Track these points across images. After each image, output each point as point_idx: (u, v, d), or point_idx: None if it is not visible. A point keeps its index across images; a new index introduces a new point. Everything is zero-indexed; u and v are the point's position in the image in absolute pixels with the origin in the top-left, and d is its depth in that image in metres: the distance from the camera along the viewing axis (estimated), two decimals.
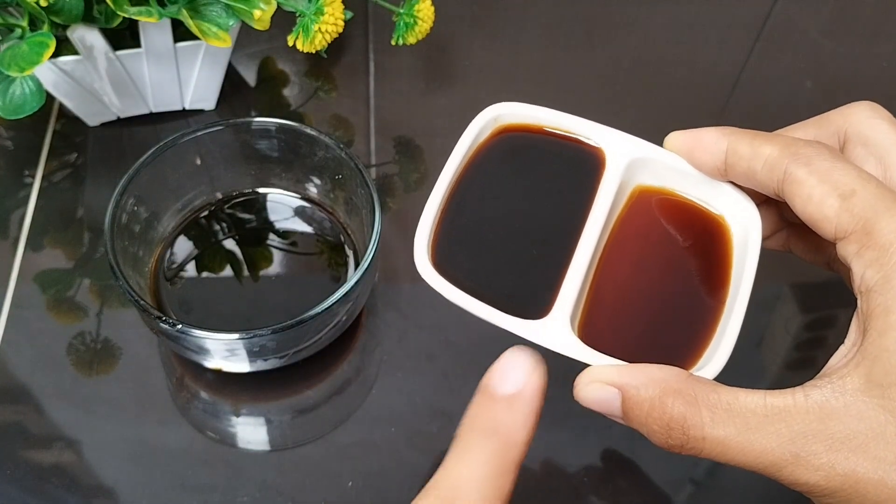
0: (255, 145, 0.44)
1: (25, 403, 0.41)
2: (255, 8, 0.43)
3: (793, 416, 0.24)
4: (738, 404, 0.25)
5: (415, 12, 0.48)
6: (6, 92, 0.42)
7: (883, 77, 0.58)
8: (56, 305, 0.44)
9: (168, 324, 0.36)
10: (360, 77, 0.56)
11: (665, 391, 0.26)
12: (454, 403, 0.42)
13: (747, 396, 0.25)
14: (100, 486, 0.39)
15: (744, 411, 0.25)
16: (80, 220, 0.48)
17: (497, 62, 0.57)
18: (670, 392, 0.26)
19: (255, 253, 0.45)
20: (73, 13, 0.42)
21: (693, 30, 0.60)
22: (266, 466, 0.40)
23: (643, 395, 0.26)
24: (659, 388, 0.26)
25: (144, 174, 0.41)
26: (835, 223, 0.26)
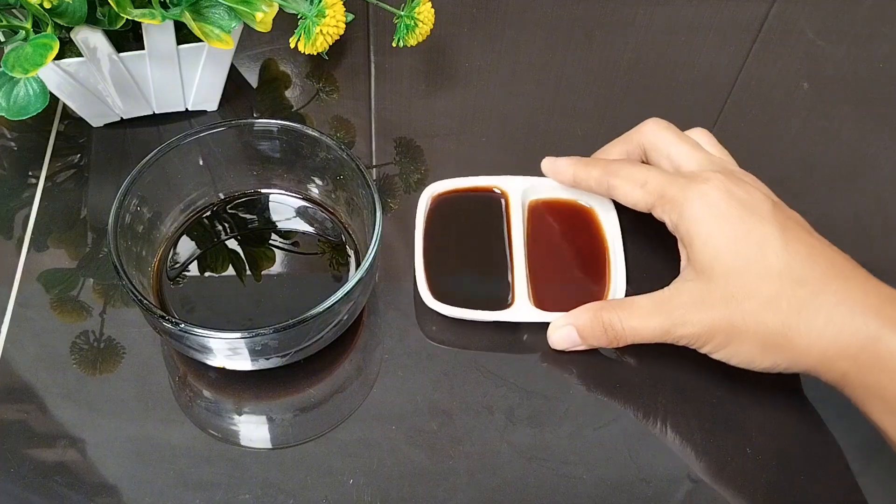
0: (257, 146, 0.45)
1: (29, 402, 0.41)
2: (257, 10, 0.43)
3: (666, 301, 0.41)
4: (636, 305, 0.41)
5: (415, 14, 0.49)
6: (10, 93, 0.43)
7: (878, 78, 0.58)
8: (60, 305, 0.45)
9: (171, 323, 0.36)
10: (362, 78, 0.56)
11: (596, 312, 0.42)
12: (454, 402, 0.42)
13: (641, 299, 0.41)
14: (103, 485, 0.39)
15: (640, 308, 0.41)
16: (84, 221, 0.48)
17: (497, 64, 0.58)
18: (598, 310, 0.42)
19: (257, 253, 0.45)
20: (77, 15, 0.42)
21: (691, 31, 0.60)
22: (268, 464, 0.40)
23: (586, 321, 0.42)
24: (592, 312, 0.42)
25: (147, 175, 0.41)
26: (643, 203, 0.43)
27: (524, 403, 0.42)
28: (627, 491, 0.40)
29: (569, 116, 0.55)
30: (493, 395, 0.42)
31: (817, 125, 0.56)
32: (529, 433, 0.41)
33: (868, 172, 0.53)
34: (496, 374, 0.43)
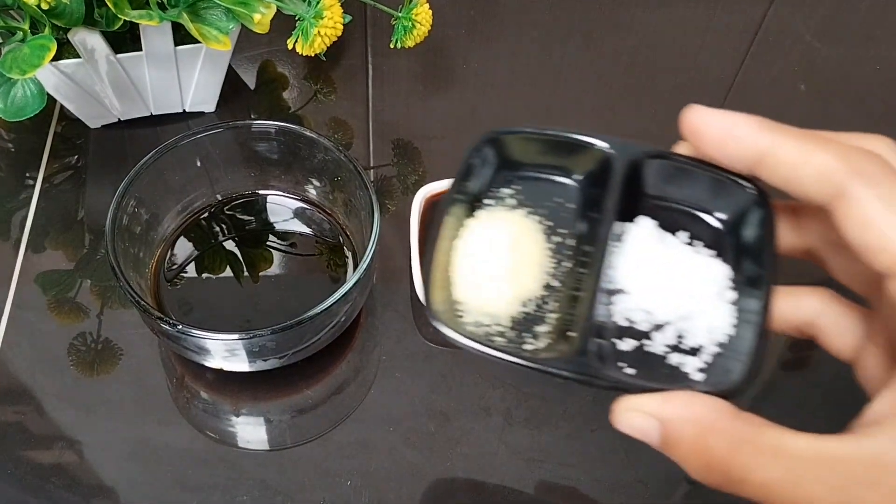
0: (254, 147, 0.45)
1: (26, 404, 0.41)
2: (255, 12, 0.43)
3: (843, 464, 0.23)
4: (784, 447, 0.24)
5: (413, 16, 0.49)
6: (8, 94, 0.43)
7: (876, 80, 0.58)
8: (57, 306, 0.45)
9: (168, 324, 0.36)
10: (359, 80, 0.56)
11: (707, 430, 0.25)
12: (452, 404, 0.42)
13: (795, 439, 0.24)
14: (100, 486, 0.39)
15: (790, 455, 0.24)
16: (81, 222, 0.48)
17: (494, 65, 0.58)
18: (713, 431, 0.25)
19: (254, 254, 0.45)
20: (75, 16, 0.42)
21: (688, 33, 0.60)
22: (266, 466, 0.40)
23: (685, 431, 0.25)
24: (701, 427, 0.25)
25: (145, 176, 0.41)
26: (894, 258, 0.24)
27: (522, 405, 0.42)
28: (625, 492, 0.40)
29: (567, 118, 0.55)
30: (490, 396, 0.42)
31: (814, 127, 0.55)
32: (527, 434, 0.41)
33: None
34: (494, 376, 0.43)
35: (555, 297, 0.31)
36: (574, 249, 0.32)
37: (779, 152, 0.26)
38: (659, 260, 0.30)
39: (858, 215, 0.25)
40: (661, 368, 0.29)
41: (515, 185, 0.33)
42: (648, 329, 0.30)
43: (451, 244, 0.31)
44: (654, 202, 0.32)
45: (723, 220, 0.32)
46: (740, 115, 0.28)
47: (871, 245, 0.25)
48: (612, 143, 0.31)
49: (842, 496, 0.23)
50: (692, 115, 0.28)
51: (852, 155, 0.26)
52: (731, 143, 0.28)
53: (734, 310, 0.30)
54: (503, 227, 0.31)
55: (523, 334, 0.30)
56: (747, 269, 0.30)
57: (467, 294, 0.30)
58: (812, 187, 0.26)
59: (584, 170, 0.32)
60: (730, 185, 0.30)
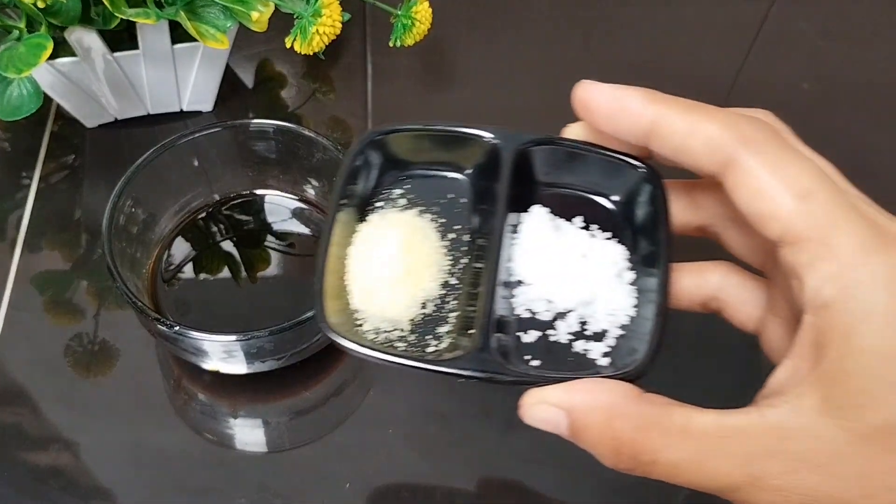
0: (252, 147, 0.44)
1: (22, 405, 0.41)
2: (253, 10, 0.43)
3: (748, 437, 0.24)
4: (690, 426, 0.24)
5: (412, 14, 0.48)
6: (3, 93, 0.42)
7: (879, 79, 0.58)
8: (53, 307, 0.44)
9: (165, 325, 0.36)
10: (358, 79, 0.56)
11: (613, 415, 0.25)
12: (451, 405, 0.42)
13: (700, 416, 0.24)
14: (97, 488, 0.39)
15: (697, 433, 0.24)
16: (78, 222, 0.48)
17: (495, 64, 0.57)
18: (618, 416, 0.25)
19: (252, 254, 0.45)
20: (71, 15, 0.42)
21: (690, 31, 0.60)
22: (264, 468, 0.40)
23: (591, 419, 0.25)
24: (607, 412, 0.25)
25: (142, 176, 0.41)
26: (786, 225, 0.24)
27: None
28: (627, 494, 0.39)
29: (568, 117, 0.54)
30: (491, 398, 0.42)
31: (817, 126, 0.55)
32: (528, 436, 0.41)
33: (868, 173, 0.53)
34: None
35: (454, 296, 0.31)
36: (470, 245, 0.32)
37: (667, 123, 0.26)
38: (555, 248, 0.30)
39: (748, 184, 0.25)
40: (567, 357, 0.29)
41: (405, 185, 0.33)
42: (551, 318, 0.30)
43: (344, 251, 0.31)
44: (546, 189, 0.32)
45: (616, 201, 0.32)
46: (629, 88, 0.27)
47: (762, 213, 0.25)
48: (496, 133, 0.31)
49: (748, 468, 0.23)
50: (582, 91, 0.28)
51: (739, 123, 0.26)
52: (621, 116, 0.27)
53: (634, 290, 0.30)
54: (396, 229, 0.31)
55: (425, 337, 0.30)
56: (643, 247, 0.30)
57: (364, 301, 0.30)
58: (701, 157, 0.26)
59: (472, 163, 0.32)
60: (619, 165, 0.30)
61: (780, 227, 0.24)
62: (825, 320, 0.24)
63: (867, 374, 0.23)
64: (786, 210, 0.24)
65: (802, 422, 0.23)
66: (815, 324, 0.24)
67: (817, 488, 0.23)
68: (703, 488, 0.24)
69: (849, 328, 0.23)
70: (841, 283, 0.23)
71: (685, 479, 0.24)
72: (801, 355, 0.25)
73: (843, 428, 0.23)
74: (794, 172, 0.25)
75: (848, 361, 0.23)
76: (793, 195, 0.24)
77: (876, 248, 0.23)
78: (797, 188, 0.24)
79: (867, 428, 0.23)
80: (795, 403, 0.24)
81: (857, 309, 0.23)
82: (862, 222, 0.24)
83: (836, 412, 0.23)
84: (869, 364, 0.23)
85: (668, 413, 0.25)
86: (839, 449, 0.23)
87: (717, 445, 0.24)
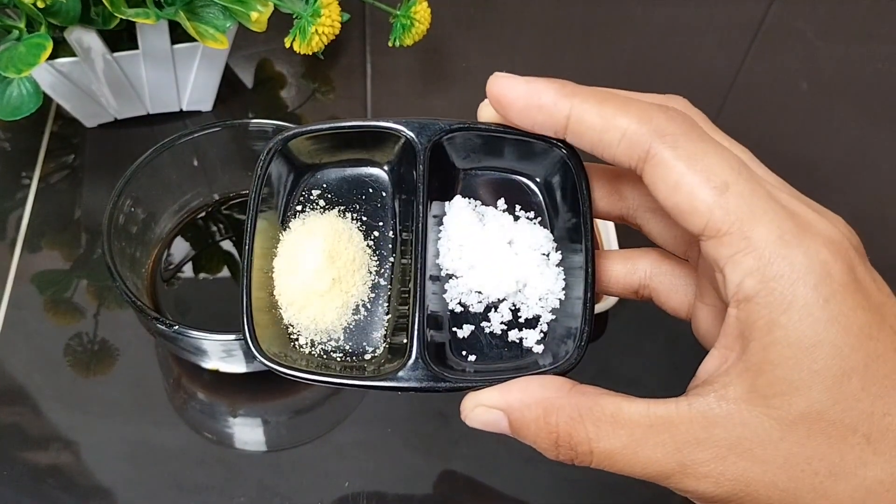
0: (252, 147, 0.44)
1: (22, 404, 0.41)
2: (252, 10, 0.43)
3: (676, 426, 0.24)
4: (621, 415, 0.25)
5: (411, 14, 0.48)
6: (3, 93, 0.42)
7: (877, 78, 0.58)
8: (53, 306, 0.44)
9: (165, 325, 0.36)
10: (357, 78, 0.56)
11: (548, 409, 0.26)
12: (450, 404, 0.42)
13: (630, 406, 0.25)
14: (97, 487, 0.39)
15: (627, 422, 0.25)
16: (78, 222, 0.48)
17: (494, 63, 0.57)
18: (553, 409, 0.25)
19: None
20: (71, 15, 0.42)
21: (689, 31, 0.60)
22: (263, 467, 0.40)
23: (527, 415, 0.26)
24: (542, 407, 0.26)
25: (142, 175, 0.41)
26: (706, 219, 0.24)
27: None
28: (625, 493, 0.39)
29: None
30: None
31: (816, 125, 0.55)
32: None
33: (867, 172, 0.53)
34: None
35: (385, 297, 0.30)
36: (394, 242, 0.31)
37: (582, 118, 0.26)
38: (481, 237, 0.30)
39: (665, 178, 0.25)
40: (503, 348, 0.29)
41: (322, 185, 0.32)
42: (483, 310, 0.30)
43: (269, 263, 0.30)
44: (467, 175, 0.32)
45: (537, 182, 0.31)
46: (542, 82, 0.27)
47: (681, 208, 0.25)
48: (408, 125, 0.30)
49: (679, 457, 0.24)
50: (495, 85, 0.27)
51: (654, 115, 0.25)
52: (535, 112, 0.27)
53: (561, 271, 0.30)
54: (318, 236, 0.30)
55: (362, 344, 0.30)
56: (567, 225, 0.30)
57: (295, 315, 0.30)
58: (618, 152, 0.25)
59: (389, 157, 0.32)
60: (537, 146, 0.30)
61: (700, 222, 0.24)
62: (748, 313, 0.24)
63: (790, 363, 0.23)
64: (705, 204, 0.24)
65: (730, 410, 0.24)
66: (739, 316, 0.24)
67: (745, 473, 0.24)
68: (638, 476, 0.25)
69: (771, 320, 0.24)
70: (761, 276, 0.24)
71: (620, 467, 0.25)
72: (727, 346, 0.25)
73: (769, 416, 0.24)
74: (711, 164, 0.24)
75: (771, 352, 0.24)
76: (710, 188, 0.24)
77: (794, 240, 0.24)
78: (715, 181, 0.24)
79: (792, 415, 0.23)
80: (722, 392, 0.24)
81: (778, 301, 0.23)
82: (780, 213, 0.24)
83: (761, 401, 0.24)
84: (791, 354, 0.23)
85: (599, 402, 0.25)
86: (766, 435, 0.24)
87: (646, 434, 0.24)
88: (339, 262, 0.30)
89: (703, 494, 0.24)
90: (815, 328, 0.23)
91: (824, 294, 0.23)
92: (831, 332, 0.23)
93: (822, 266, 0.23)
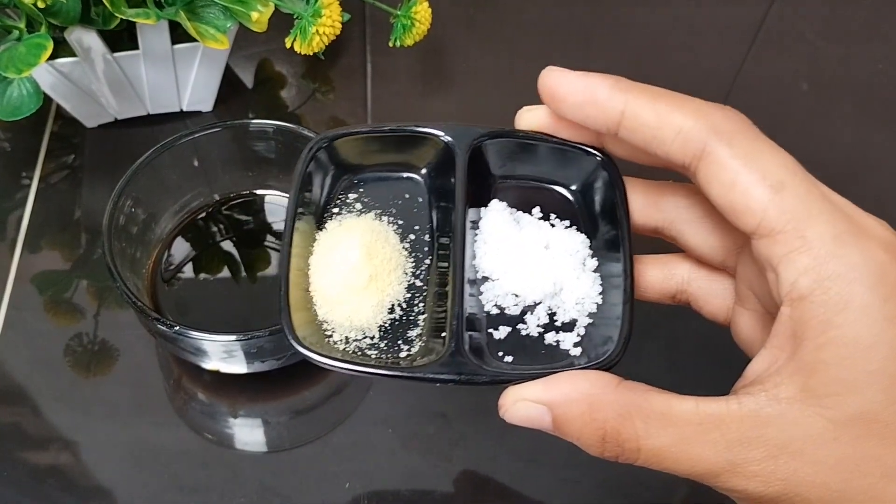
0: (252, 147, 0.44)
1: (22, 405, 0.41)
2: (253, 10, 0.43)
3: (727, 424, 0.24)
4: (670, 412, 0.24)
5: (412, 14, 0.48)
6: (3, 94, 0.42)
7: (878, 79, 0.58)
8: (53, 307, 0.44)
9: (165, 325, 0.36)
10: (358, 79, 0.56)
11: (595, 405, 0.25)
12: (451, 405, 0.42)
13: (680, 403, 0.25)
14: (97, 488, 0.39)
15: (677, 420, 0.24)
16: (78, 222, 0.48)
17: (494, 64, 0.57)
18: (601, 405, 0.25)
19: (252, 254, 0.45)
20: (71, 15, 0.42)
21: (689, 32, 0.60)
22: (263, 468, 0.40)
23: (573, 410, 0.25)
24: (588, 403, 0.25)
25: (142, 176, 0.41)
26: (760, 217, 0.24)
27: None
28: (625, 495, 0.39)
29: None
30: (490, 397, 0.42)
31: (816, 126, 0.55)
32: (526, 437, 0.41)
33: (867, 173, 0.53)
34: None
35: (420, 298, 0.30)
36: (431, 245, 0.31)
37: (637, 114, 0.26)
38: (517, 241, 0.30)
39: (721, 176, 0.25)
40: (540, 350, 0.29)
41: (359, 189, 0.32)
42: (520, 313, 0.30)
43: (305, 262, 0.30)
44: (502, 182, 0.32)
45: (572, 190, 0.31)
46: (597, 77, 0.27)
47: (736, 206, 0.25)
48: (447, 130, 0.30)
49: (729, 455, 0.24)
50: (549, 79, 0.28)
51: (710, 113, 0.25)
52: (589, 106, 0.27)
53: (598, 277, 0.30)
54: (355, 235, 0.30)
55: (396, 342, 0.30)
56: (603, 234, 0.30)
57: (330, 311, 0.30)
58: (672, 148, 0.25)
59: (426, 162, 0.32)
60: (574, 154, 0.30)
61: (754, 220, 0.24)
62: (802, 312, 0.24)
63: (844, 364, 0.23)
64: (760, 202, 0.24)
65: (781, 409, 0.24)
66: (793, 316, 0.24)
67: (796, 474, 0.23)
68: (685, 474, 0.25)
69: (826, 320, 0.23)
70: (816, 275, 0.23)
71: (668, 465, 0.25)
72: (778, 346, 0.25)
73: (822, 416, 0.23)
74: (766, 164, 0.25)
75: (825, 352, 0.23)
76: (766, 187, 0.24)
77: (850, 240, 0.24)
78: (771, 179, 0.24)
79: (845, 416, 0.23)
80: (774, 392, 0.24)
81: (834, 301, 0.23)
82: (835, 213, 0.24)
83: (814, 401, 0.23)
84: (846, 354, 0.23)
85: (648, 399, 0.25)
86: (818, 436, 0.23)
87: (696, 432, 0.24)
88: (376, 260, 0.30)
89: (752, 494, 0.24)
90: (873, 329, 0.23)
91: (882, 294, 0.23)
92: (889, 333, 0.23)
93: (879, 267, 0.23)
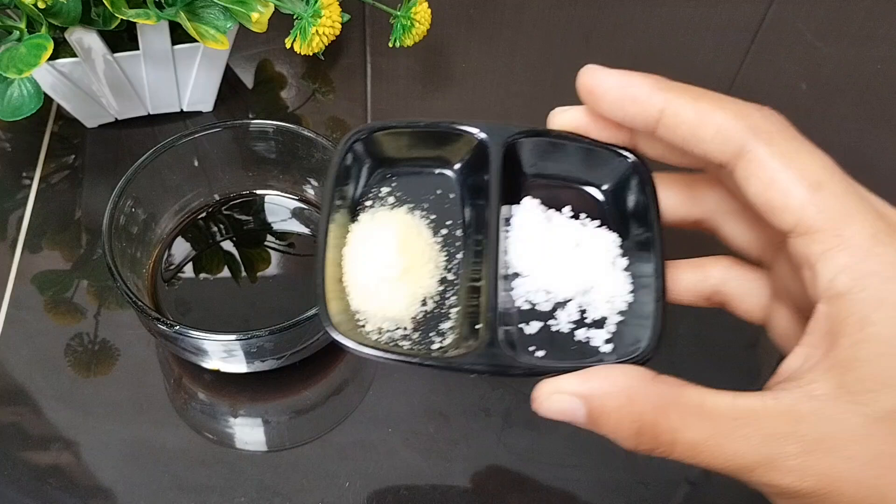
0: (252, 147, 0.44)
1: (23, 404, 0.41)
2: (253, 10, 0.43)
3: (763, 419, 0.24)
4: (706, 406, 0.24)
5: (412, 14, 0.48)
6: (4, 94, 0.42)
7: (877, 79, 0.58)
8: (54, 307, 0.44)
9: (166, 325, 0.36)
10: (358, 79, 0.56)
11: (631, 398, 0.25)
12: (451, 404, 0.42)
13: (716, 397, 0.25)
14: (98, 487, 0.39)
15: (713, 414, 0.24)
16: (78, 222, 0.48)
17: (494, 64, 0.57)
18: (637, 398, 0.25)
19: (252, 254, 0.45)
20: (71, 15, 0.42)
21: (689, 32, 0.60)
22: (264, 467, 0.40)
23: (609, 404, 0.25)
24: (625, 396, 0.25)
25: (142, 176, 0.41)
26: (798, 216, 0.25)
27: (521, 406, 0.42)
28: (625, 494, 0.39)
29: None
30: (490, 397, 0.42)
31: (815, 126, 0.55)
32: (527, 435, 0.41)
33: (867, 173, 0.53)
34: (493, 376, 0.43)
35: (453, 291, 0.31)
36: (463, 239, 0.32)
37: (676, 112, 0.26)
38: (549, 238, 0.30)
39: (759, 174, 0.25)
40: (570, 346, 0.29)
41: (392, 183, 0.32)
42: (551, 308, 0.30)
43: (339, 253, 0.30)
44: (534, 181, 0.32)
45: (603, 190, 0.32)
46: (637, 75, 0.28)
47: (774, 204, 0.25)
48: (483, 128, 0.31)
49: (764, 450, 0.24)
50: (589, 77, 0.28)
51: (750, 113, 0.26)
52: (628, 104, 0.27)
53: (629, 276, 0.30)
54: (388, 227, 0.31)
55: (429, 334, 0.30)
56: (634, 235, 0.31)
57: (364, 302, 0.30)
58: (711, 147, 0.26)
59: (460, 158, 0.32)
60: (606, 155, 0.30)
61: (792, 218, 0.25)
62: (839, 309, 0.24)
63: (881, 361, 0.23)
64: (798, 201, 0.24)
65: (817, 406, 0.24)
66: (829, 313, 0.24)
67: (831, 469, 0.23)
68: (720, 468, 0.25)
69: (863, 317, 0.23)
70: (854, 273, 0.24)
71: (703, 458, 0.25)
72: (814, 343, 0.25)
73: (857, 413, 0.23)
74: (805, 163, 0.25)
75: (861, 349, 0.23)
76: (805, 186, 0.25)
77: (887, 238, 0.24)
78: (809, 179, 0.25)
79: (881, 412, 0.23)
80: (809, 388, 0.24)
81: (871, 298, 0.23)
82: (872, 213, 0.25)
83: (850, 397, 0.24)
84: (882, 351, 0.23)
85: (683, 393, 0.25)
86: (853, 432, 0.23)
87: (732, 427, 0.24)
88: (410, 253, 0.30)
89: (787, 489, 0.24)
90: None
91: None
92: None
93: None
